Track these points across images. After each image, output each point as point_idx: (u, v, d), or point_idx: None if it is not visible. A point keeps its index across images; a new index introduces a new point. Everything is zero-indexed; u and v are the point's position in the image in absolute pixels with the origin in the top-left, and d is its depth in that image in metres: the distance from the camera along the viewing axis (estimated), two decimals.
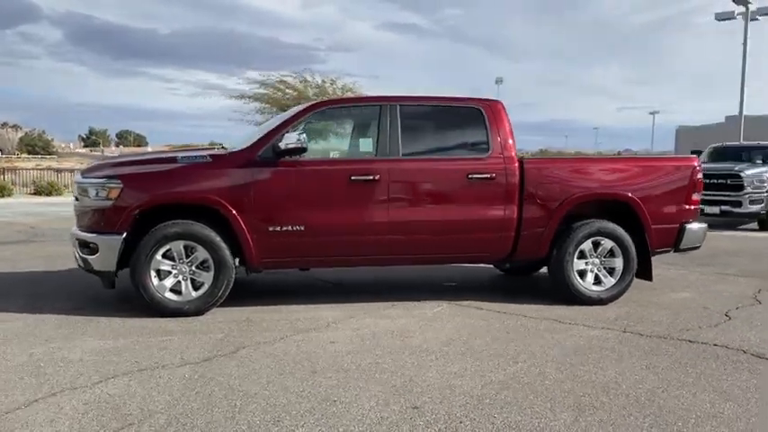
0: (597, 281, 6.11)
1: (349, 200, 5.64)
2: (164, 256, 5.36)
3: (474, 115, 6.01)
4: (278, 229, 5.50)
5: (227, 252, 5.42)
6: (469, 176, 5.80)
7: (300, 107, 5.85)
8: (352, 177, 5.61)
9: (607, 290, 6.08)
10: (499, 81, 46.25)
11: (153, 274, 5.34)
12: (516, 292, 6.62)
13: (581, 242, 6.01)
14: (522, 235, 5.94)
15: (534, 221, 5.94)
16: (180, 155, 5.66)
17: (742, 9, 25.01)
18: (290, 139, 5.37)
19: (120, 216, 5.28)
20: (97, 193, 5.38)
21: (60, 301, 5.90)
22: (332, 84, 25.40)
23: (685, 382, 3.92)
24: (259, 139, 5.62)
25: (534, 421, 3.30)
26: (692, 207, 6.31)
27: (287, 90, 25.13)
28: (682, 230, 6.25)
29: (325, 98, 5.68)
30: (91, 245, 5.36)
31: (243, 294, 6.06)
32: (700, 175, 6.36)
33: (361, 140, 5.94)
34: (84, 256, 5.42)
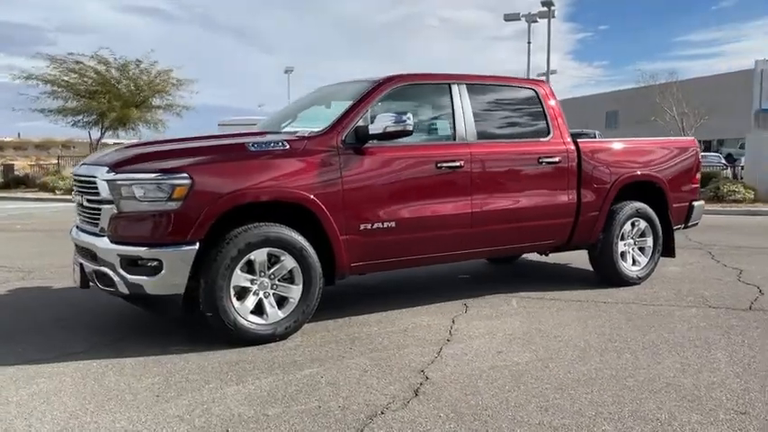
0: (632, 261, 6.24)
1: (436, 190, 4.98)
2: (241, 268, 4.22)
3: (530, 96, 5.70)
4: (369, 227, 4.66)
5: (316, 259, 4.44)
6: (540, 161, 5.51)
7: (372, 82, 4.97)
8: (439, 164, 4.96)
9: (642, 269, 6.24)
10: (290, 70, 45.41)
11: (232, 292, 4.17)
12: (540, 279, 6.52)
13: (623, 224, 6.07)
14: (580, 220, 5.81)
15: (590, 205, 5.83)
16: (249, 140, 4.46)
17: (526, 12, 28.00)
18: (387, 120, 4.54)
19: (192, 221, 4.01)
20: (146, 193, 4.01)
21: (77, 341, 4.34)
22: (137, 65, 22.60)
23: None
24: (337, 121, 4.66)
25: None
26: (697, 186, 6.75)
27: (86, 73, 21.84)
28: (691, 208, 6.65)
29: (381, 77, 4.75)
30: (146, 262, 3.98)
31: None
32: (699, 156, 6.82)
33: (439, 123, 5.26)
34: (133, 277, 4.00)
